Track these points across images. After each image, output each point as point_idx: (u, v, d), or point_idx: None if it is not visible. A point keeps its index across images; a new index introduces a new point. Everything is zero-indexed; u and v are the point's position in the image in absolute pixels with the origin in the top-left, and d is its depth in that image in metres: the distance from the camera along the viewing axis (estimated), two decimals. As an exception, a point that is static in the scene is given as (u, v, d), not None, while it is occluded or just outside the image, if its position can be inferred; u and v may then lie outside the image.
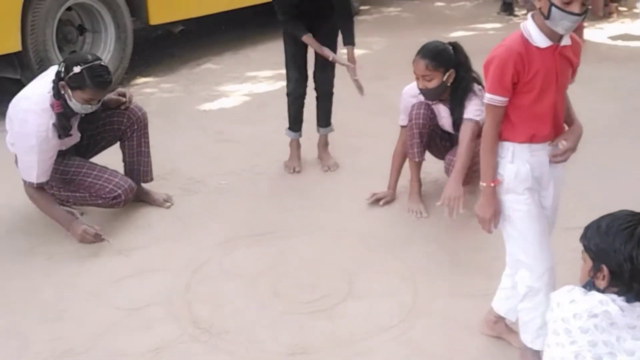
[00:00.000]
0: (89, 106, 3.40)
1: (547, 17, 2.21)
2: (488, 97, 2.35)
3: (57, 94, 3.36)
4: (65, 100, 3.37)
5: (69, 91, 3.34)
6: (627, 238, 1.82)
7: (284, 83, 4.39)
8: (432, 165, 4.05)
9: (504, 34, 8.31)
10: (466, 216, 3.78)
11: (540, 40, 2.30)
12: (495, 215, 2.47)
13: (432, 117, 3.77)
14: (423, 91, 3.62)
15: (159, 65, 6.83)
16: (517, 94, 2.34)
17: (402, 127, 3.90)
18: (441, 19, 9.29)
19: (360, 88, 4.16)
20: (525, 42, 2.30)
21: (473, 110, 3.57)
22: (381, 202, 3.92)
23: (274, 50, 7.30)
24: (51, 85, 3.38)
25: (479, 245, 3.52)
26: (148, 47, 7.49)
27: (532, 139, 2.40)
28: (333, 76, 4.33)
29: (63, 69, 3.35)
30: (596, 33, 8.25)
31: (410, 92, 3.81)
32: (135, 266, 3.33)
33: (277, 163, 4.44)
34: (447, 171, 3.82)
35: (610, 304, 1.82)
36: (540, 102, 2.35)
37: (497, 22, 9.14)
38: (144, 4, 6.18)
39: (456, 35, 8.09)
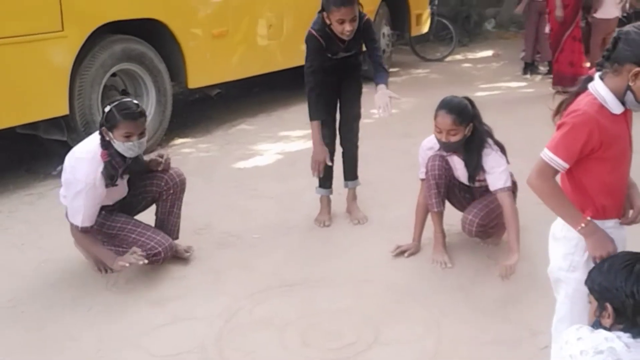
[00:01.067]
0: (130, 143, 3.54)
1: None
2: (549, 156, 2.19)
3: (103, 143, 3.57)
4: (111, 147, 3.57)
5: (110, 133, 3.54)
6: (627, 275, 1.89)
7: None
8: (456, 217, 4.11)
9: (529, 91, 8.44)
10: (490, 266, 3.86)
11: (615, 106, 2.15)
12: (613, 245, 2.21)
13: (447, 167, 3.86)
14: (445, 144, 3.70)
15: (196, 127, 7.05)
16: (590, 163, 2.20)
17: (422, 180, 4.00)
18: (468, 79, 9.45)
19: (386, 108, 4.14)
20: (601, 107, 2.15)
21: (499, 177, 3.66)
22: (406, 254, 3.99)
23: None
24: (99, 136, 3.61)
25: (504, 294, 3.56)
26: (186, 110, 7.75)
27: (605, 214, 2.26)
28: (358, 130, 4.47)
29: (103, 118, 3.60)
30: None
31: (427, 145, 3.93)
32: (171, 315, 3.44)
33: (308, 217, 4.54)
34: (464, 229, 3.90)
35: (616, 340, 1.87)
36: (615, 172, 2.23)
37: (522, 80, 9.27)
38: (183, 69, 6.42)
39: (481, 94, 8.25)
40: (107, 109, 3.55)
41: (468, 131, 3.68)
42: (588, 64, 9.82)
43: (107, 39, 5.66)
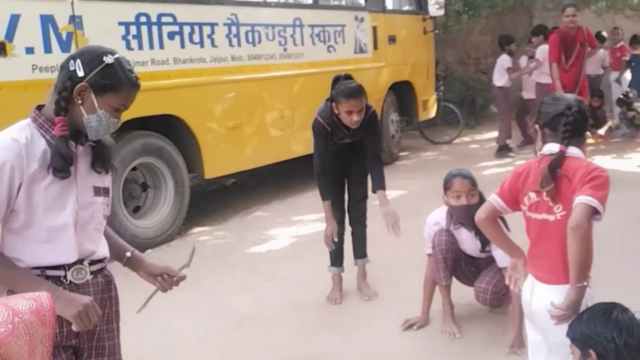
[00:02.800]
0: (115, 120, 2.24)
1: None
2: (598, 205, 2.32)
3: (63, 108, 2.14)
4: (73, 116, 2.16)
5: (93, 97, 2.15)
6: (606, 321, 2.03)
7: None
8: (464, 289, 4.24)
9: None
10: (498, 335, 3.95)
11: None
12: None
13: (453, 242, 4.02)
14: (467, 208, 3.81)
15: (213, 215, 7.29)
16: None
17: (429, 255, 4.15)
18: (476, 159, 9.66)
19: (395, 229, 4.44)
20: None
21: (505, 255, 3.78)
22: (415, 327, 4.11)
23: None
24: (55, 97, 2.15)
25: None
26: (204, 199, 8.02)
27: None
28: (365, 209, 4.67)
29: (78, 67, 2.14)
30: (625, 162, 8.53)
31: (433, 220, 4.11)
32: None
33: (321, 295, 4.70)
34: (478, 298, 4.02)
35: None
36: None
37: (527, 157, 9.47)
38: (200, 161, 6.69)
39: (488, 172, 8.46)
40: (107, 59, 2.14)
41: (478, 198, 3.88)
42: (592, 140, 10.12)
43: (129, 134, 5.95)
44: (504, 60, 9.82)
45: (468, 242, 4.00)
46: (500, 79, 9.83)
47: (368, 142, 4.48)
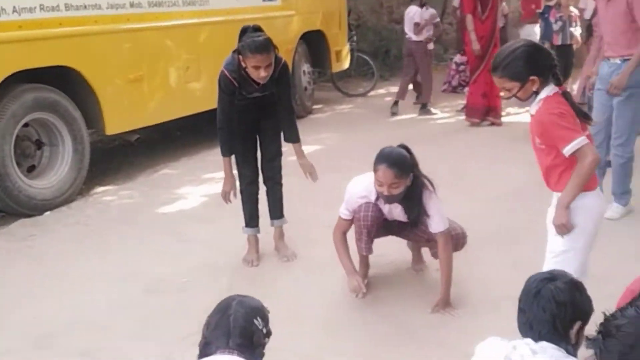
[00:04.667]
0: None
1: None
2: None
3: None
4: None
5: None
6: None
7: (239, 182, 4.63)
8: (387, 247, 4.26)
9: (449, 123, 8.75)
10: (421, 294, 4.02)
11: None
12: None
13: (379, 215, 3.94)
14: (387, 197, 3.75)
15: (117, 174, 7.05)
16: None
17: (341, 218, 4.06)
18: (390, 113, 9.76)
19: (312, 175, 4.50)
20: None
21: (440, 221, 3.81)
22: (364, 290, 3.98)
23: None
24: None
25: (437, 320, 3.73)
26: (106, 157, 7.74)
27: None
28: (280, 167, 4.61)
29: None
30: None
31: (360, 194, 3.92)
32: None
33: (237, 257, 4.63)
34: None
35: (523, 346, 2.12)
36: None
37: (441, 112, 9.66)
38: (100, 116, 6.43)
39: (405, 126, 8.55)
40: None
41: (409, 181, 3.78)
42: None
43: (18, 88, 5.64)
44: (413, 13, 9.43)
45: (398, 211, 3.94)
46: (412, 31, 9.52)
47: (280, 95, 4.41)
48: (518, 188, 5.60)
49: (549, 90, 3.00)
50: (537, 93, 3.02)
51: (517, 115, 9.11)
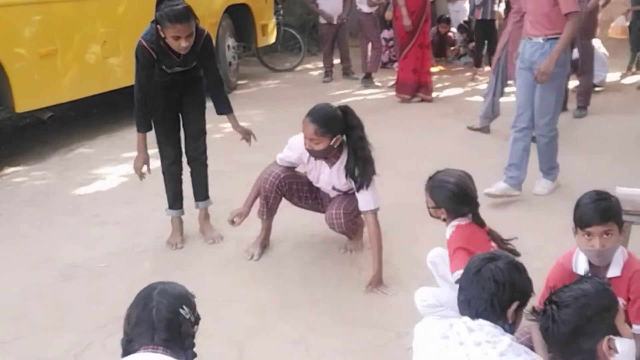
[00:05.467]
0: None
1: None
2: None
3: None
4: None
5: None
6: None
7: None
8: (315, 225, 4.22)
9: (380, 98, 8.78)
10: (352, 273, 4.00)
11: None
12: None
13: (281, 184, 4.12)
14: (309, 151, 3.86)
15: (28, 154, 6.75)
16: None
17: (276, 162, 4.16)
18: (320, 88, 9.71)
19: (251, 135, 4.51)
20: None
21: (370, 199, 3.84)
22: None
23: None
24: None
25: (369, 300, 3.72)
26: (16, 136, 7.43)
27: None
28: (205, 146, 4.48)
29: None
30: (468, 91, 8.91)
31: (299, 143, 3.97)
32: (14, 358, 3.29)
33: (159, 240, 4.50)
34: (333, 225, 4.07)
35: (459, 324, 2.18)
36: None
37: (371, 88, 9.66)
38: (9, 92, 6.14)
39: (334, 102, 8.50)
40: None
41: (335, 142, 3.78)
42: (436, 69, 10.46)
43: None
44: None
45: (324, 175, 3.98)
46: (364, 3, 9.76)
47: (205, 68, 4.29)
48: (448, 162, 5.63)
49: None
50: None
51: (448, 90, 9.21)
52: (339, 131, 3.81)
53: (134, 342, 2.15)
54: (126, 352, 2.16)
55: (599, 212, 2.63)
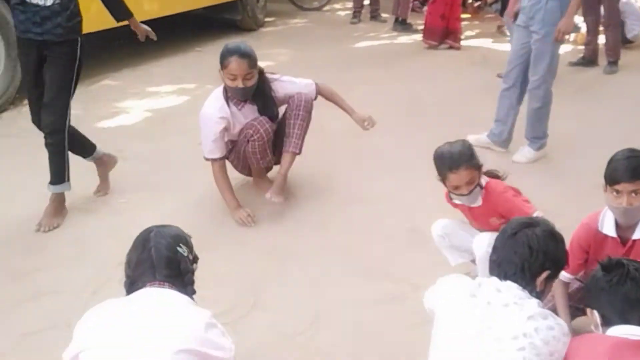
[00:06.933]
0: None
1: None
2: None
3: None
4: None
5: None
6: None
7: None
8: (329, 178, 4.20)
9: (407, 43, 8.60)
10: (373, 225, 3.99)
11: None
12: None
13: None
14: (243, 91, 3.79)
15: (53, 84, 6.74)
16: None
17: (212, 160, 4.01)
18: (347, 30, 9.56)
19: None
20: None
21: (303, 87, 3.98)
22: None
23: (176, 65, 7.37)
24: None
25: (383, 252, 3.71)
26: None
27: None
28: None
29: None
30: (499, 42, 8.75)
31: (216, 116, 3.90)
32: (33, 290, 3.35)
33: (181, 178, 4.50)
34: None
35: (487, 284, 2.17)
36: None
37: (400, 33, 9.49)
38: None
39: (361, 45, 8.39)
40: None
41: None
42: (465, 15, 10.16)
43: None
44: None
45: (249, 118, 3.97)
46: None
47: None
48: (473, 114, 5.56)
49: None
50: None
51: (475, 40, 9.03)
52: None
53: (136, 282, 2.23)
54: (130, 293, 2.24)
55: (629, 170, 2.56)
